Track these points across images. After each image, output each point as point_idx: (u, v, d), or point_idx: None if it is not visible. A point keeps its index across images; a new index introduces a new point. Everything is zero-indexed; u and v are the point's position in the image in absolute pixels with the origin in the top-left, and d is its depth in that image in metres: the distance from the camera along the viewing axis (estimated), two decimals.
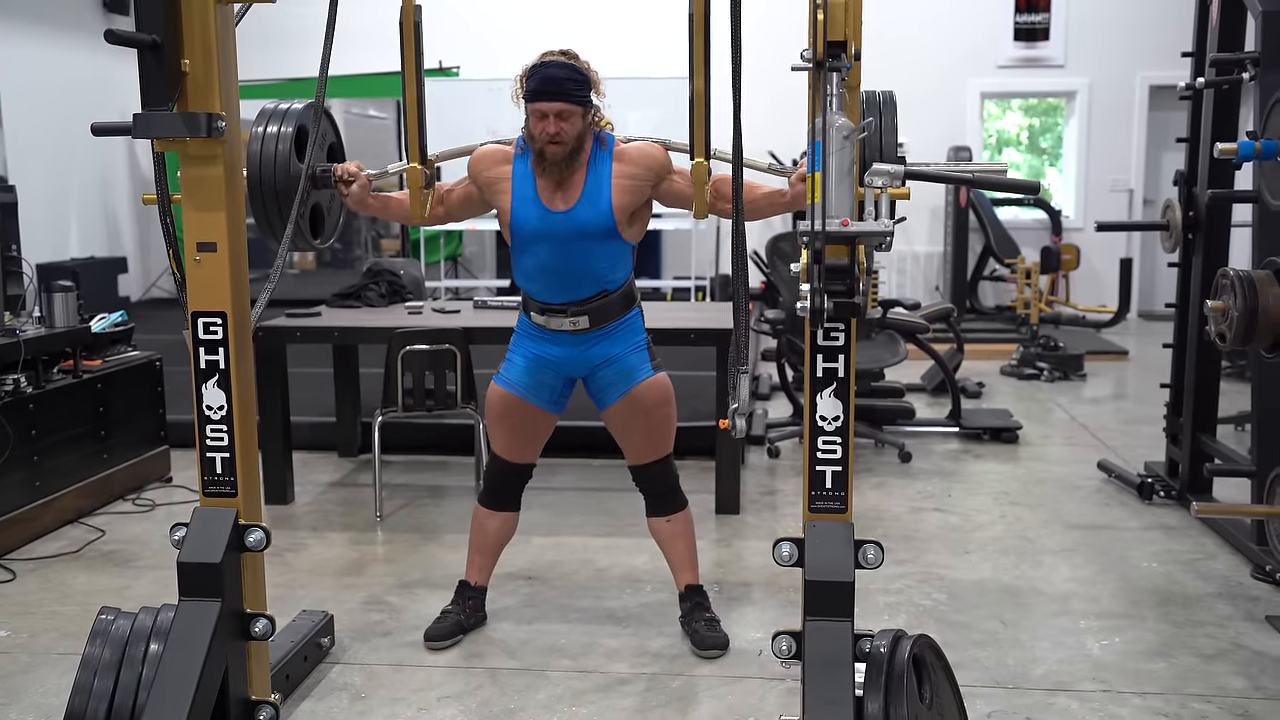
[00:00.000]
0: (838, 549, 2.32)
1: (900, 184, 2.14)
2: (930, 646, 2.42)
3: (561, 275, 3.14)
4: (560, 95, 2.96)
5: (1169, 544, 4.16)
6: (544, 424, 3.33)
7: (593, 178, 3.08)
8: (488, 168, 3.17)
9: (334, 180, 3.01)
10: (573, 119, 2.99)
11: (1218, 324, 3.39)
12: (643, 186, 3.11)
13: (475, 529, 3.41)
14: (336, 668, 3.18)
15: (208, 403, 2.46)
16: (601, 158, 3.10)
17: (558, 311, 3.17)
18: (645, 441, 3.28)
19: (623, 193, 3.08)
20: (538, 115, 3.00)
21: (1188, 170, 4.55)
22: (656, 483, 3.34)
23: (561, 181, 3.07)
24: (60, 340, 4.50)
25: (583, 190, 3.08)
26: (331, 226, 3.16)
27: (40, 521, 4.29)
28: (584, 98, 3.01)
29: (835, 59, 2.08)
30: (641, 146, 3.12)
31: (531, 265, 3.16)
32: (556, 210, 3.08)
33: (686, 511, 3.38)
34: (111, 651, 2.39)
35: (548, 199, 3.09)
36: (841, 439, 2.33)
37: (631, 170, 3.09)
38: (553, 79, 2.97)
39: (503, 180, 3.14)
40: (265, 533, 2.48)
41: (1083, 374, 7.53)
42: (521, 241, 3.15)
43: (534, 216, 3.09)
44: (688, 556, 3.39)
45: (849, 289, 2.10)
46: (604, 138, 3.12)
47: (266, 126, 2.83)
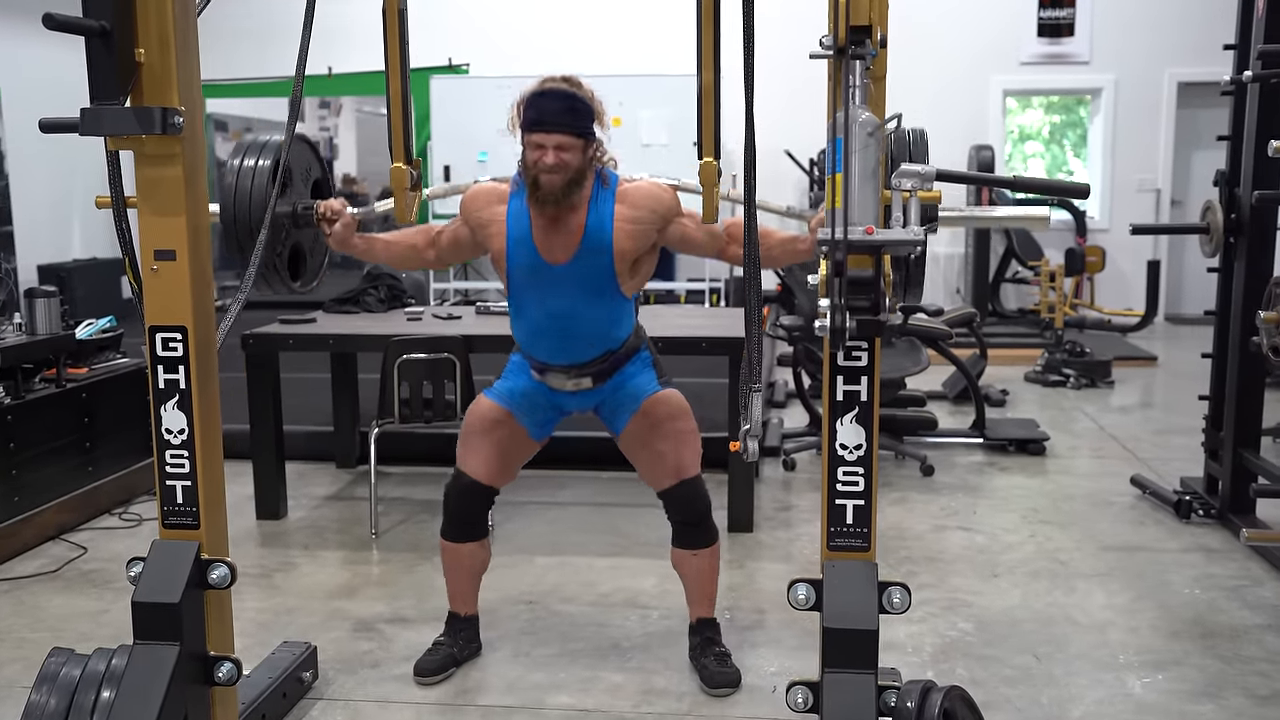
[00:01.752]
0: (860, 592, 2.09)
1: (930, 186, 1.90)
2: (962, 698, 2.20)
3: (561, 335, 2.92)
4: (559, 126, 2.72)
5: (1210, 568, 3.90)
6: (524, 449, 3.11)
7: (593, 221, 2.83)
8: (480, 207, 2.93)
9: (316, 218, 2.79)
10: (572, 151, 2.74)
11: (1270, 336, 3.14)
12: (648, 230, 2.87)
13: (447, 564, 3.16)
14: (319, 704, 2.96)
15: (167, 426, 2.25)
16: (604, 198, 2.84)
17: (559, 372, 2.98)
18: (664, 461, 3.01)
19: (626, 237, 2.84)
20: (534, 146, 2.75)
21: (1229, 170, 4.30)
22: (683, 509, 3.03)
23: (559, 220, 2.82)
24: (42, 348, 4.30)
25: (582, 236, 2.83)
26: (314, 268, 2.95)
27: (19, 538, 4.09)
28: (586, 129, 2.76)
29: (859, 45, 1.84)
30: (647, 187, 2.88)
31: (529, 323, 2.95)
32: (555, 264, 2.84)
33: (716, 546, 3.09)
34: (58, 699, 2.17)
35: (544, 247, 2.84)
36: (864, 469, 2.10)
37: (635, 213, 2.85)
38: (552, 108, 2.73)
39: (496, 222, 2.89)
40: (230, 569, 2.26)
41: (1110, 381, 7.26)
42: (517, 290, 2.93)
43: (530, 267, 2.86)
44: (708, 591, 3.14)
45: (874, 304, 1.86)
46: (606, 176, 2.87)
47: (243, 160, 2.62)
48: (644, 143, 9.00)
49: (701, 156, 2.52)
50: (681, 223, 2.88)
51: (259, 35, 9.47)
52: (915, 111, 10.87)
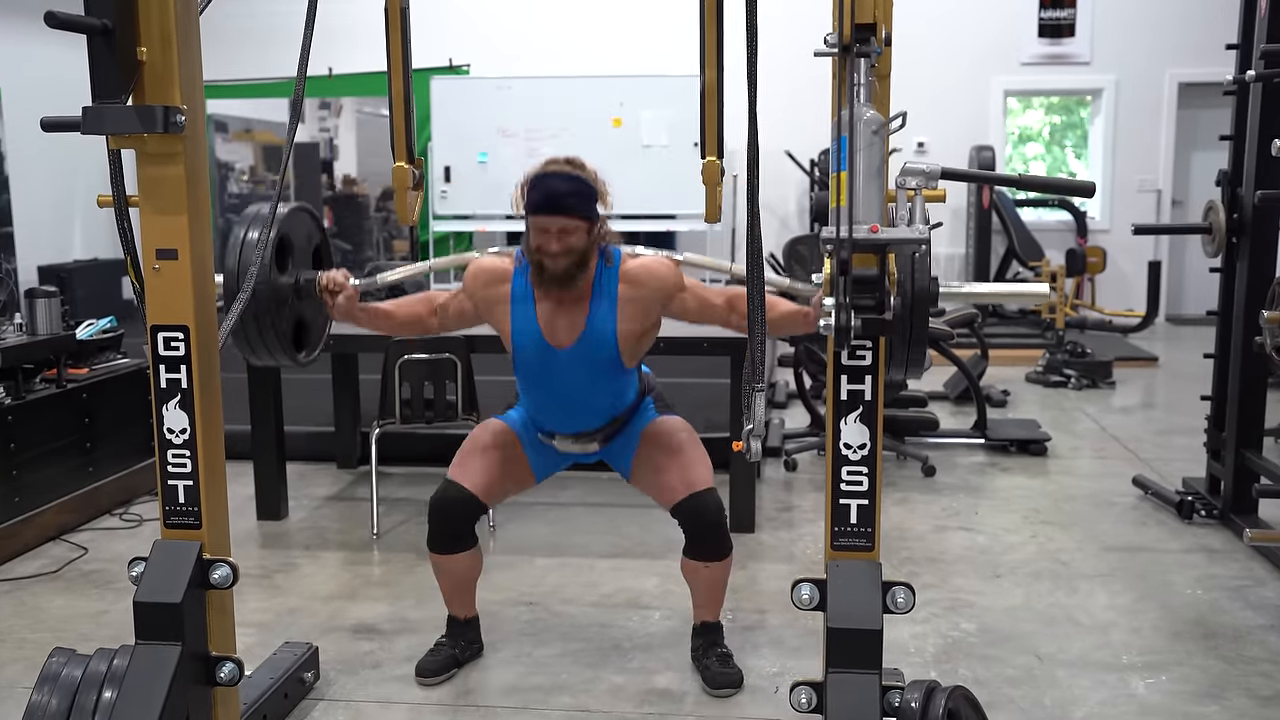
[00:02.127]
0: (864, 592, 2.08)
1: (935, 185, 1.89)
2: (966, 698, 2.19)
3: (567, 410, 2.99)
4: (564, 210, 2.74)
5: (1213, 568, 3.90)
6: (521, 479, 3.13)
7: (597, 304, 2.87)
8: (484, 286, 2.95)
9: (318, 290, 2.81)
10: (577, 234, 2.77)
11: (1274, 336, 3.14)
12: (651, 309, 2.92)
13: (436, 574, 3.13)
14: (320, 705, 2.96)
15: (169, 425, 2.24)
16: (607, 277, 2.88)
17: (566, 438, 3.04)
18: (673, 474, 3.00)
19: (630, 320, 2.89)
20: (539, 230, 2.77)
21: (1232, 170, 4.29)
22: (700, 521, 2.95)
23: (563, 302, 2.86)
24: (43, 348, 4.29)
25: (587, 319, 2.87)
26: (317, 339, 3.00)
27: (20, 538, 4.08)
28: (590, 212, 2.78)
29: (864, 43, 1.84)
30: (650, 265, 2.90)
31: (535, 398, 3.02)
32: (560, 347, 2.88)
33: (729, 560, 3.04)
34: (60, 700, 2.17)
35: (549, 330, 2.88)
36: (868, 469, 2.09)
37: (639, 293, 2.88)
38: (556, 192, 2.74)
39: (501, 302, 2.92)
40: (232, 568, 2.26)
41: (1111, 381, 7.25)
42: (523, 368, 2.98)
43: (536, 349, 2.90)
44: (716, 598, 3.12)
45: (879, 303, 1.85)
46: (610, 254, 2.89)
47: (247, 232, 2.65)
48: (644, 143, 9.01)
49: (704, 156, 2.52)
50: (683, 298, 2.92)
51: (260, 36, 9.47)
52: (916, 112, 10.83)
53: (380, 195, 11.07)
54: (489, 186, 9.05)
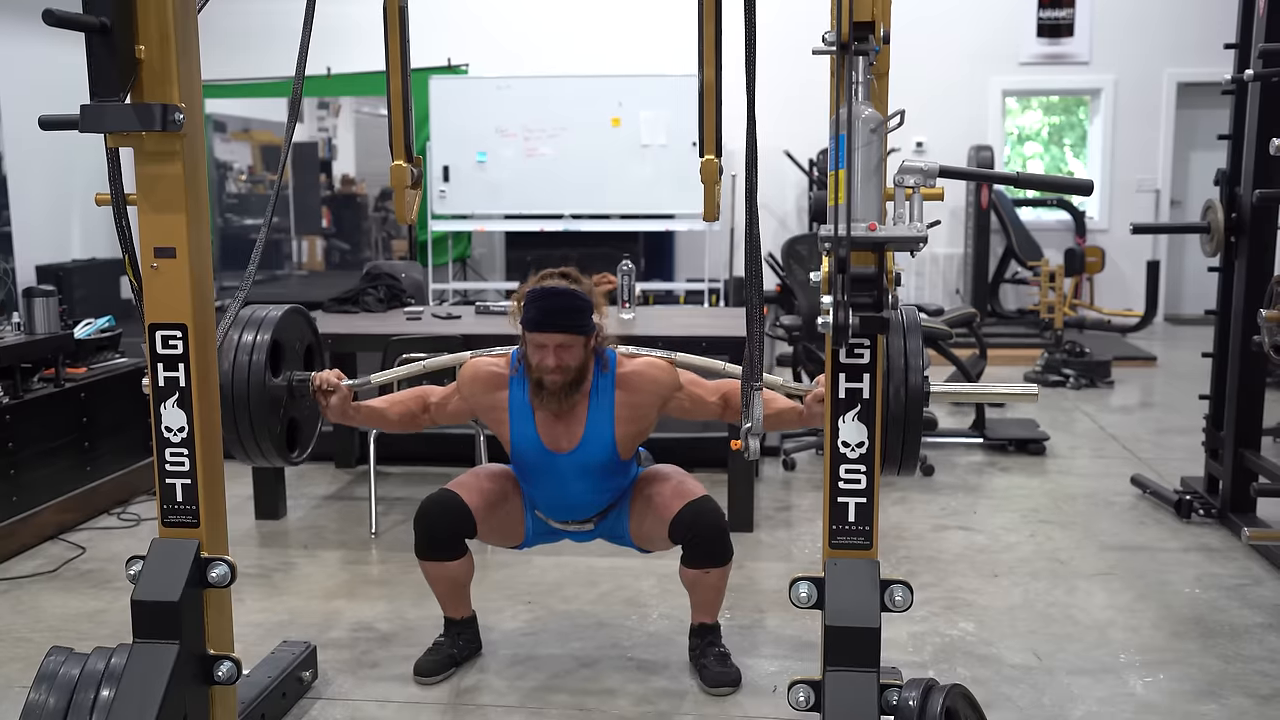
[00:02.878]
0: (862, 590, 2.08)
1: (933, 183, 1.90)
2: (964, 696, 2.19)
3: (567, 503, 3.05)
4: (562, 327, 2.78)
5: (1211, 567, 3.90)
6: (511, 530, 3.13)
7: (595, 412, 2.91)
8: (481, 393, 2.98)
9: (312, 391, 2.82)
10: (574, 349, 2.81)
11: (1272, 335, 3.14)
12: (649, 413, 2.96)
13: (431, 582, 3.12)
14: (318, 704, 2.95)
15: (167, 424, 2.24)
16: (604, 385, 2.91)
17: (563, 523, 3.10)
18: (667, 493, 3.00)
19: (627, 424, 2.93)
20: (537, 345, 2.81)
21: (1230, 169, 4.29)
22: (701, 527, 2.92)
23: (561, 414, 2.89)
24: (41, 347, 4.29)
25: (585, 427, 2.91)
26: (308, 439, 3.01)
27: (17, 538, 4.08)
28: (586, 327, 2.82)
29: (862, 41, 1.84)
30: (645, 370, 2.93)
31: (534, 493, 3.07)
32: (560, 453, 2.92)
33: (728, 566, 3.03)
34: (57, 698, 2.17)
35: (549, 438, 2.92)
36: (866, 467, 2.09)
37: (635, 399, 2.92)
38: (554, 309, 2.78)
39: (499, 410, 2.95)
40: (230, 567, 2.26)
41: (1110, 381, 7.26)
42: (522, 469, 3.03)
43: (535, 453, 2.95)
44: (715, 601, 3.11)
45: (877, 301, 1.86)
46: (605, 359, 2.92)
47: (241, 335, 2.69)
48: (643, 143, 9.00)
49: (703, 155, 2.52)
50: (679, 398, 2.95)
51: (258, 36, 9.46)
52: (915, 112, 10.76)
53: (379, 195, 11.06)
54: (488, 186, 9.04)
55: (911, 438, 2.18)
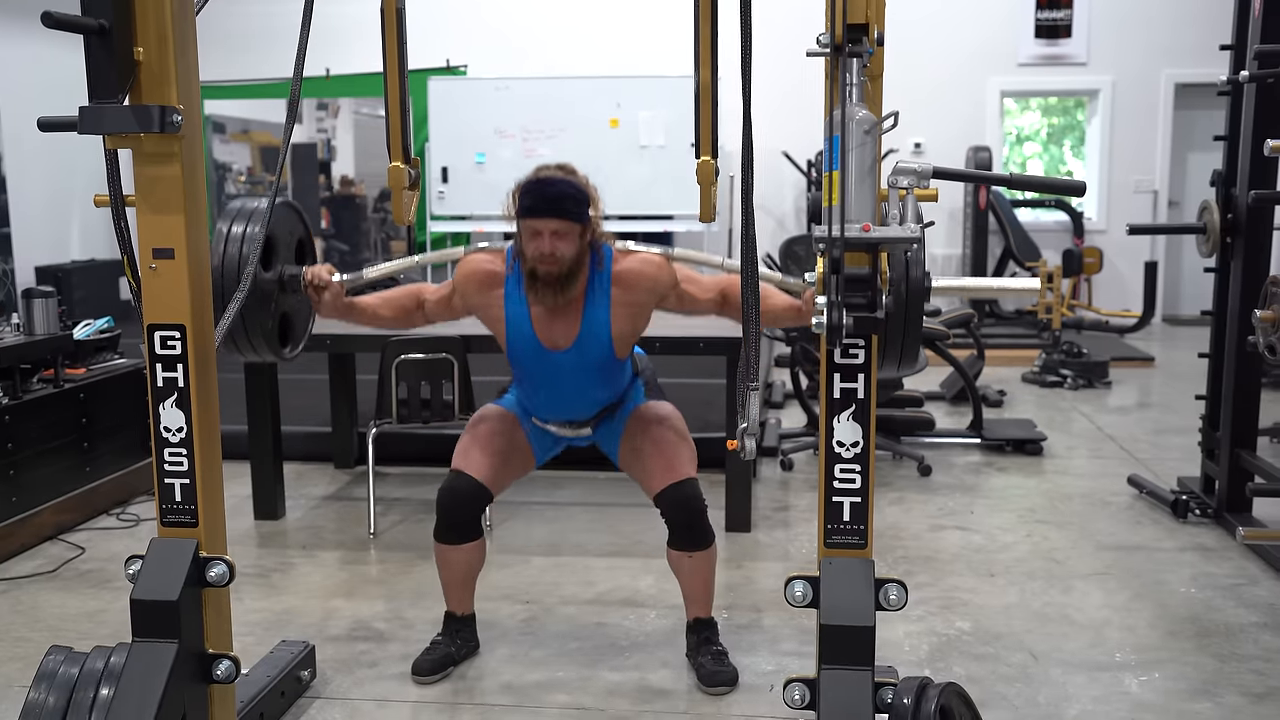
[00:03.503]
0: (857, 589, 2.09)
1: (927, 184, 1.91)
2: (958, 694, 2.20)
3: (562, 402, 3.05)
4: (556, 212, 2.76)
5: (1207, 567, 3.91)
6: (522, 462, 3.15)
7: (591, 308, 2.90)
8: (476, 291, 2.98)
9: (304, 286, 2.81)
10: (569, 238, 2.79)
11: (1267, 335, 3.15)
12: (645, 309, 2.96)
13: (441, 565, 3.15)
14: (317, 703, 2.97)
15: (165, 424, 2.25)
16: (599, 281, 2.90)
17: (561, 424, 3.09)
18: (656, 462, 3.03)
19: (623, 321, 2.92)
20: (531, 233, 2.79)
21: (1226, 170, 4.31)
22: (678, 510, 3.01)
23: (557, 309, 2.89)
24: (40, 348, 4.30)
25: (581, 323, 2.90)
26: (300, 335, 3.00)
27: (16, 538, 4.09)
28: (582, 215, 2.80)
29: (856, 43, 1.85)
30: (641, 267, 2.92)
31: (529, 391, 3.06)
32: (555, 350, 2.92)
33: (713, 549, 3.08)
34: (57, 697, 2.18)
35: (545, 335, 2.91)
36: (861, 467, 2.11)
37: (632, 296, 2.92)
38: (549, 195, 2.77)
39: (494, 307, 2.95)
40: (229, 566, 2.27)
41: (1107, 381, 7.27)
42: (518, 367, 3.02)
43: (531, 351, 2.94)
44: (705, 592, 3.14)
45: (871, 302, 1.87)
46: (601, 255, 2.91)
47: (231, 226, 2.66)
48: (641, 144, 9.02)
49: (699, 156, 2.52)
50: (677, 293, 2.95)
51: (257, 37, 9.47)
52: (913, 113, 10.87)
53: (378, 196, 11.07)
54: (487, 187, 9.05)
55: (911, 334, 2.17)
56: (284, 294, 2.83)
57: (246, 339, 2.74)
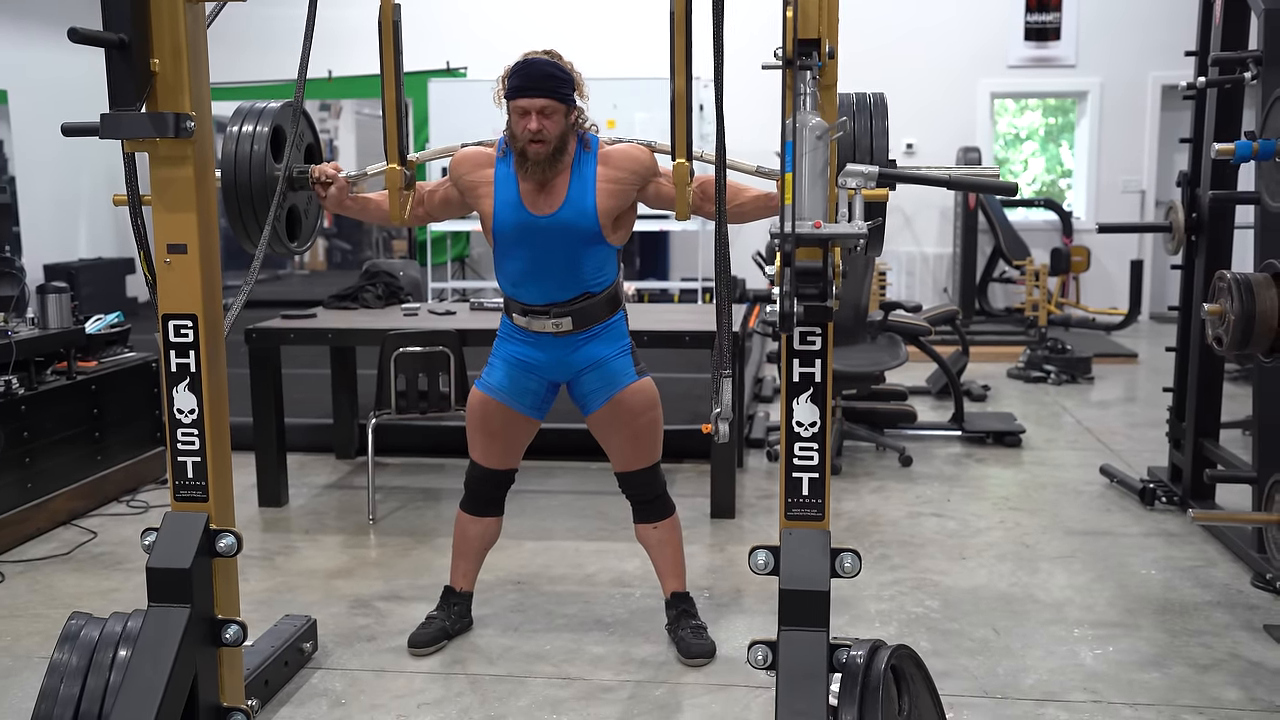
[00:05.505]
0: (814, 557, 2.27)
1: (875, 185, 2.09)
2: (910, 656, 2.38)
3: (545, 277, 3.09)
4: (543, 91, 2.92)
5: (1169, 551, 4.09)
6: (525, 430, 3.29)
7: (577, 181, 3.03)
8: (469, 171, 3.12)
9: (311, 182, 2.97)
10: (555, 116, 2.95)
11: (1214, 328, 3.33)
12: (628, 190, 3.07)
13: (458, 534, 3.37)
14: (318, 673, 3.15)
15: (178, 406, 2.43)
16: (585, 160, 3.05)
17: (540, 313, 3.12)
18: (631, 448, 3.23)
19: (608, 196, 3.05)
20: (520, 112, 2.95)
21: (1191, 171, 4.49)
22: (642, 490, 3.29)
23: (544, 184, 3.02)
24: (54, 341, 4.49)
25: (567, 194, 3.03)
26: (309, 230, 3.12)
27: (32, 523, 4.28)
28: (567, 95, 2.96)
29: (807, 57, 2.03)
30: (626, 149, 3.08)
31: (514, 268, 3.12)
32: (540, 215, 3.03)
33: (674, 518, 3.33)
34: (79, 657, 2.36)
35: (530, 203, 3.04)
36: (818, 445, 2.29)
37: (616, 174, 3.05)
38: (535, 75, 2.93)
39: (484, 184, 3.09)
40: (236, 538, 2.45)
41: (1090, 377, 7.44)
42: (504, 244, 3.11)
43: (516, 220, 3.05)
44: (675, 563, 3.34)
45: (821, 293, 2.05)
46: (588, 140, 3.07)
47: (241, 126, 2.79)
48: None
49: (675, 158, 2.71)
50: (659, 182, 3.08)
51: (259, 39, 9.65)
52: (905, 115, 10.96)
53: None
54: None
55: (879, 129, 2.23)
56: (293, 190, 2.96)
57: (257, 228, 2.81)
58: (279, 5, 5.53)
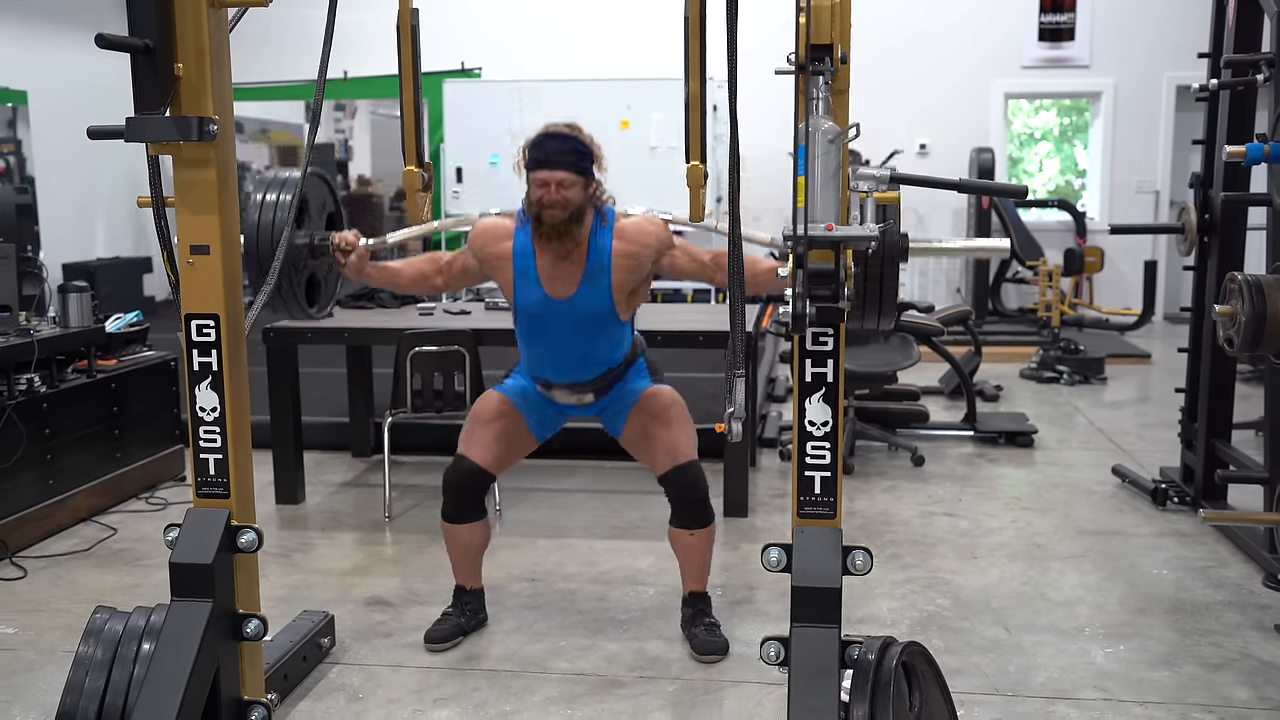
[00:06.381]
0: (826, 555, 2.30)
1: (886, 189, 2.12)
2: (921, 653, 2.40)
3: (564, 359, 3.22)
4: (563, 164, 2.99)
5: (1181, 551, 4.10)
6: (523, 443, 3.36)
7: (593, 257, 3.10)
8: (488, 244, 3.19)
9: (331, 249, 3.03)
10: (574, 188, 3.01)
11: (1225, 329, 3.34)
12: (643, 265, 3.15)
13: (448, 543, 3.38)
14: (336, 668, 3.19)
15: (201, 404, 2.47)
16: (602, 234, 3.12)
17: (563, 389, 3.26)
18: (662, 445, 3.25)
19: (623, 272, 3.12)
20: (539, 184, 3.01)
21: (1203, 173, 4.50)
22: (687, 490, 3.24)
23: (561, 256, 3.09)
24: (74, 340, 4.55)
25: (584, 271, 3.10)
26: (328, 296, 3.21)
27: (53, 520, 4.33)
28: (585, 168, 3.03)
29: (819, 62, 2.06)
30: (640, 224, 3.14)
31: (534, 352, 3.25)
32: (558, 298, 3.12)
33: (712, 527, 3.30)
34: (104, 651, 2.41)
35: (549, 282, 3.11)
36: (830, 444, 2.32)
37: (632, 249, 3.12)
38: (555, 149, 3.00)
39: (503, 258, 3.16)
40: (257, 534, 2.49)
41: (1103, 377, 7.45)
42: (524, 323, 3.21)
43: (536, 300, 3.14)
44: (701, 567, 3.36)
45: (833, 294, 2.08)
46: (605, 213, 3.13)
47: (265, 194, 2.86)
48: (651, 145, 9.21)
49: (689, 160, 2.74)
50: (673, 254, 3.16)
51: (275, 40, 9.70)
52: (918, 115, 10.97)
53: (394, 195, 11.31)
54: (500, 187, 9.25)
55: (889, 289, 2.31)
56: (314, 258, 3.03)
57: (278, 295, 2.90)
58: (294, 6, 5.57)
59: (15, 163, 9.00)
